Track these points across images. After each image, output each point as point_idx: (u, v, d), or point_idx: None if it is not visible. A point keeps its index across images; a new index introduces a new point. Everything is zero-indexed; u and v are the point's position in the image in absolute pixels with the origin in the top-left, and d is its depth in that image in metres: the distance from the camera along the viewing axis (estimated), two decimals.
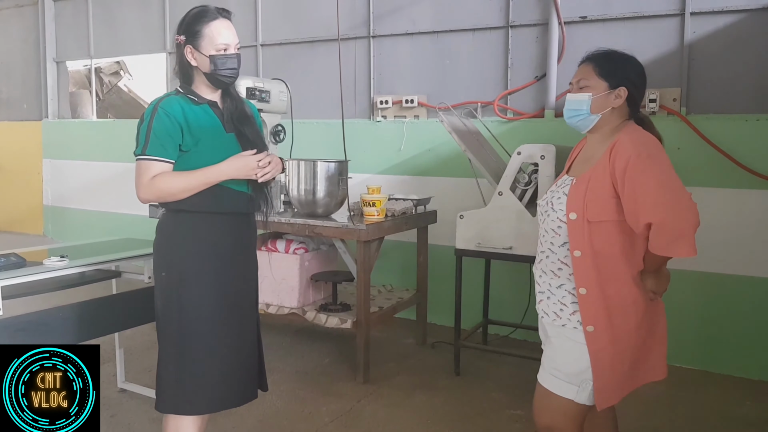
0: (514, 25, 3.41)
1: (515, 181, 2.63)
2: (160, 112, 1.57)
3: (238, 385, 1.69)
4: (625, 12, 3.12)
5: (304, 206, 2.90)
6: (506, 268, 3.26)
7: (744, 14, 2.89)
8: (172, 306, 1.62)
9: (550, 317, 1.51)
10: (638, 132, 1.47)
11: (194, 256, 1.62)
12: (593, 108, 1.50)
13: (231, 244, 1.67)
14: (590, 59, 1.53)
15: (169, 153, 1.58)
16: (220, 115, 1.66)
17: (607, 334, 1.43)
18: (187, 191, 1.58)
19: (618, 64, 1.51)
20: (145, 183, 1.57)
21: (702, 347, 2.97)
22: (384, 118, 3.80)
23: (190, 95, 1.65)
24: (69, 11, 5.32)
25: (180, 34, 1.64)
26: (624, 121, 1.52)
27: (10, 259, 1.98)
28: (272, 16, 4.25)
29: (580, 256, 1.44)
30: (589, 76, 1.51)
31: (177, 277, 1.62)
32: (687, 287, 2.96)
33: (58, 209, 5.50)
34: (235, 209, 1.67)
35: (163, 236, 1.67)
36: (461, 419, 2.44)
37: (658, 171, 1.38)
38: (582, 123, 1.53)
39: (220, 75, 1.62)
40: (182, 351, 1.61)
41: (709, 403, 2.61)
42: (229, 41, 1.63)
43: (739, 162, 2.84)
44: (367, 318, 2.77)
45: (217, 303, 1.64)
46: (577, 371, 1.46)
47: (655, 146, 1.44)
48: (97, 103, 5.76)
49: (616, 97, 1.49)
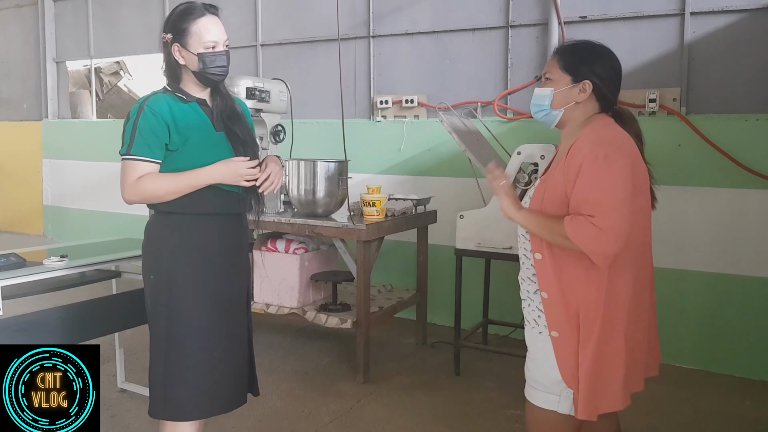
0: (514, 25, 3.41)
1: (515, 181, 2.62)
2: (146, 111, 1.53)
3: (227, 390, 1.65)
4: (625, 12, 3.12)
5: (304, 206, 2.89)
6: (506, 268, 3.25)
7: (744, 14, 2.89)
8: (160, 310, 1.59)
9: (530, 324, 1.46)
10: (603, 130, 1.38)
11: (183, 260, 1.58)
12: (555, 103, 1.42)
13: (221, 246, 1.63)
14: (556, 52, 1.47)
15: (155, 153, 1.53)
16: (210, 114, 1.62)
17: (572, 339, 1.36)
18: (173, 194, 1.54)
19: (583, 57, 1.42)
20: (130, 184, 1.53)
21: (702, 347, 2.96)
22: (384, 118, 3.80)
23: (178, 93, 1.60)
24: (69, 11, 5.31)
25: (166, 33, 1.58)
26: (594, 115, 1.43)
27: (10, 259, 1.98)
28: (272, 16, 4.24)
29: (540, 259, 1.39)
30: (553, 70, 1.43)
31: (165, 281, 1.58)
32: (687, 287, 2.95)
33: (58, 209, 5.49)
34: (225, 210, 1.63)
35: (151, 238, 1.63)
36: (461, 419, 2.43)
37: (608, 177, 1.29)
38: (546, 118, 1.46)
39: (208, 73, 1.58)
40: (170, 356, 1.58)
41: (710, 403, 2.61)
42: (217, 38, 1.58)
43: (739, 162, 2.84)
44: (367, 318, 2.77)
45: (206, 307, 1.60)
46: (555, 380, 1.39)
47: (618, 148, 1.33)
48: (97, 103, 5.77)
49: (580, 91, 1.40)
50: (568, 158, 1.35)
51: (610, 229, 1.27)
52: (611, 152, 1.31)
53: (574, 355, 1.37)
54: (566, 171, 1.34)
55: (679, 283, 2.98)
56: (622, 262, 1.36)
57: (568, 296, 1.37)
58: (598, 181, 1.30)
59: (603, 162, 1.30)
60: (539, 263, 1.40)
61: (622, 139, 1.38)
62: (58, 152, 5.44)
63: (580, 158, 1.32)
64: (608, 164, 1.30)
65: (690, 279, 2.95)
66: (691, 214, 2.93)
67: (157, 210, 1.62)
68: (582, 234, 1.29)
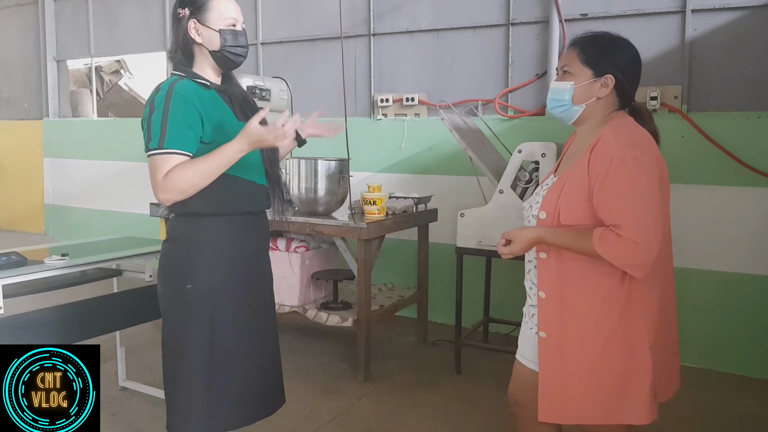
0: (515, 22, 3.40)
1: (516, 179, 2.62)
2: (176, 98, 1.36)
3: (268, 393, 1.61)
4: (626, 9, 3.11)
5: (305, 204, 2.89)
6: (507, 266, 3.25)
7: (745, 11, 2.88)
8: (202, 321, 1.46)
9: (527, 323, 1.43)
10: (626, 128, 1.32)
11: (223, 266, 1.47)
12: (576, 98, 1.36)
13: (253, 247, 1.56)
14: (575, 43, 1.38)
15: (189, 144, 1.37)
16: (229, 102, 1.49)
17: (558, 343, 1.33)
18: (208, 178, 1.37)
19: (605, 50, 1.35)
20: (160, 181, 1.35)
21: (704, 345, 2.96)
22: (384, 116, 3.79)
23: (197, 79, 1.45)
24: (69, 10, 5.31)
25: (183, 7, 1.45)
26: (613, 112, 1.37)
27: (11, 258, 1.99)
28: (272, 14, 4.24)
29: (545, 258, 1.35)
30: (573, 63, 1.36)
31: (207, 291, 1.45)
32: (689, 285, 2.95)
33: (59, 208, 5.50)
34: (254, 208, 1.54)
35: (182, 244, 1.47)
36: (462, 417, 2.43)
37: (638, 181, 1.23)
38: (565, 114, 1.39)
39: (230, 52, 1.45)
40: (214, 367, 1.47)
41: (712, 401, 2.61)
42: (237, 17, 1.47)
43: (741, 159, 2.83)
44: (367, 316, 2.77)
45: (246, 313, 1.53)
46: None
47: (644, 148, 1.28)
48: (98, 101, 5.76)
49: (601, 86, 1.34)
50: (593, 158, 1.28)
51: (642, 239, 1.22)
52: (639, 154, 1.25)
53: (559, 360, 1.33)
54: (590, 171, 1.28)
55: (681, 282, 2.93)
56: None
57: (567, 298, 1.33)
58: (626, 186, 1.24)
59: (632, 165, 1.24)
60: (543, 262, 1.36)
61: (647, 140, 1.32)
62: (58, 151, 5.45)
63: (607, 160, 1.25)
64: (637, 167, 1.24)
65: (691, 277, 2.94)
66: (692, 212, 2.93)
67: (181, 212, 1.46)
68: (613, 249, 1.23)
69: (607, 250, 1.24)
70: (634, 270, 1.25)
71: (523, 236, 1.35)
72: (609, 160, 1.25)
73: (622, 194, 1.24)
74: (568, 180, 1.34)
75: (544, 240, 1.33)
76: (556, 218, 1.33)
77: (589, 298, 1.32)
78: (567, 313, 1.33)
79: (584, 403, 1.33)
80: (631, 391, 1.30)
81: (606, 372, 1.30)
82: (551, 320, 1.35)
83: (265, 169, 1.57)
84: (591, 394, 1.32)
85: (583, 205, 1.30)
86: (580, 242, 1.28)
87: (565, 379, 1.33)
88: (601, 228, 1.26)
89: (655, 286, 1.33)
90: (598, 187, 1.27)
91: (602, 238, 1.25)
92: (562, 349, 1.33)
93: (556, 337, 1.34)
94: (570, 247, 1.31)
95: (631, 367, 1.30)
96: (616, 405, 1.31)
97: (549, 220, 1.35)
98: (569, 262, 1.33)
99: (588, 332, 1.31)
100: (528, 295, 1.46)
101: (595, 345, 1.31)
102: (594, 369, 1.31)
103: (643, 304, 1.31)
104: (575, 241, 1.29)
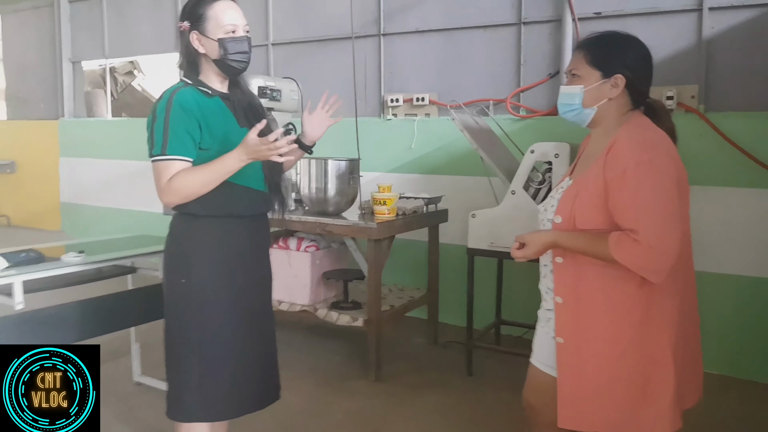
0: (527, 21, 3.37)
1: (528, 180, 2.59)
2: (176, 107, 1.44)
3: (258, 389, 1.66)
4: (641, 7, 3.06)
5: (315, 204, 2.89)
6: (519, 268, 3.21)
7: (764, 9, 2.81)
8: (192, 314, 1.54)
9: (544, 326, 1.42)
10: (642, 129, 1.29)
11: (216, 265, 1.54)
12: (586, 101, 1.33)
13: (249, 248, 1.61)
14: (581, 46, 1.36)
15: (189, 151, 1.46)
16: (232, 109, 1.56)
17: (576, 349, 1.31)
18: (209, 185, 1.45)
19: (612, 49, 1.33)
20: (164, 186, 1.44)
21: (723, 351, 2.89)
22: (394, 116, 3.78)
23: (201, 87, 1.52)
24: (84, 12, 5.38)
25: (183, 21, 1.52)
26: (628, 111, 1.34)
27: (29, 255, 2.03)
28: (283, 15, 4.25)
29: (561, 263, 1.33)
30: (580, 66, 1.34)
31: (199, 286, 1.53)
32: (706, 290, 2.88)
33: (75, 206, 5.57)
34: (253, 211, 1.60)
35: (180, 241, 1.56)
36: (472, 420, 2.41)
37: (654, 184, 1.21)
38: (577, 118, 1.36)
39: (230, 60, 1.50)
40: (204, 357, 1.54)
41: (730, 409, 2.55)
42: (236, 22, 1.52)
43: (760, 161, 2.77)
44: (378, 316, 2.76)
45: (239, 309, 1.58)
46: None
47: (661, 150, 1.25)
48: (112, 102, 5.83)
49: (612, 86, 1.31)
50: (608, 161, 1.26)
51: (658, 244, 1.20)
52: (656, 157, 1.23)
53: (577, 366, 1.31)
54: (606, 175, 1.26)
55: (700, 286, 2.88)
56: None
57: (582, 303, 1.31)
58: (642, 189, 1.21)
59: (648, 168, 1.21)
60: (559, 267, 1.35)
61: (664, 141, 1.29)
62: (74, 150, 5.52)
63: (623, 162, 1.23)
64: (653, 171, 1.21)
65: (711, 282, 2.88)
66: (710, 214, 2.87)
67: (184, 211, 1.54)
68: (630, 254, 1.21)
69: (623, 255, 1.22)
70: (652, 275, 1.23)
71: (537, 240, 1.33)
72: (625, 164, 1.23)
73: (638, 198, 1.22)
74: (583, 183, 1.32)
75: (558, 244, 1.32)
76: (572, 222, 1.31)
77: (607, 304, 1.30)
78: (584, 319, 1.31)
79: (603, 411, 1.31)
80: (652, 399, 1.28)
81: (625, 379, 1.29)
82: (569, 326, 1.33)
83: (265, 175, 1.62)
84: (610, 401, 1.30)
85: (599, 209, 1.28)
86: (595, 247, 1.26)
87: (584, 385, 1.31)
88: (618, 232, 1.24)
89: (675, 292, 1.31)
90: (614, 191, 1.24)
91: (618, 242, 1.22)
92: (580, 355, 1.32)
93: (573, 342, 1.32)
94: (585, 251, 1.29)
95: (652, 375, 1.28)
96: (637, 413, 1.29)
97: (565, 224, 1.32)
98: (586, 267, 1.30)
99: (606, 338, 1.30)
100: (544, 299, 1.44)
101: (613, 351, 1.29)
102: (613, 376, 1.29)
103: (663, 310, 1.29)
104: (591, 245, 1.27)
